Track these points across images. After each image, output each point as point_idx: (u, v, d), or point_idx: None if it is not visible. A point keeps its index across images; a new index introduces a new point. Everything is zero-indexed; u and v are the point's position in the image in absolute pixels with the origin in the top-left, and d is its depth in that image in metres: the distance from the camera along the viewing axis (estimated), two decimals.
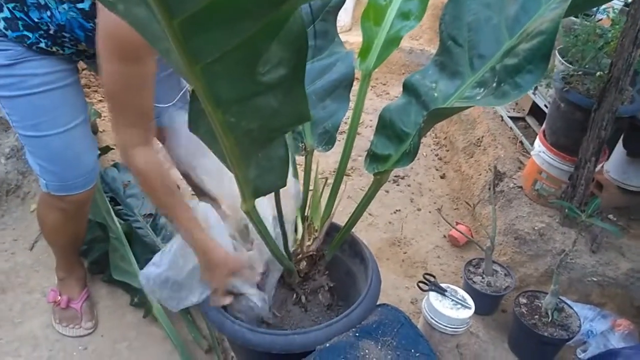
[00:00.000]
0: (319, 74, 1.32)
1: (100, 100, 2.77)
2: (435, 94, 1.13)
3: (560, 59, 1.86)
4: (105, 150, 2.23)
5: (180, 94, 1.54)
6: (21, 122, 1.23)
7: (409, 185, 2.43)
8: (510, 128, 2.38)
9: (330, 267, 1.35)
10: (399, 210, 2.27)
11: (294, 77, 0.65)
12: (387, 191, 2.37)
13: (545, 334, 1.50)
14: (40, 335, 1.59)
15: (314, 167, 1.33)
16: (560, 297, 1.58)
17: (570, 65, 1.79)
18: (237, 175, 0.90)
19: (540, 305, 1.58)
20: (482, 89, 1.05)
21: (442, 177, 2.51)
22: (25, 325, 1.61)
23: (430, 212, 2.27)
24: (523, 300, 1.61)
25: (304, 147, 1.31)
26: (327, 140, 1.32)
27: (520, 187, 1.98)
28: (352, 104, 1.26)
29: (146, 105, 1.06)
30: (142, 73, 1.02)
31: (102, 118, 2.55)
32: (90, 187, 1.38)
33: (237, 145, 0.78)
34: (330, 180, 1.31)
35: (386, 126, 1.18)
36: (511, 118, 2.41)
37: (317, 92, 1.31)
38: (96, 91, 2.83)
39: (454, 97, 1.09)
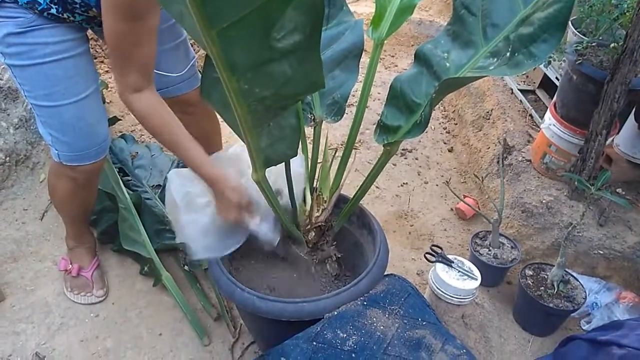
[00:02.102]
0: (327, 43, 1.30)
1: (107, 71, 2.75)
2: (447, 64, 1.12)
3: (574, 30, 1.82)
4: (113, 121, 2.23)
5: (190, 64, 1.53)
6: (33, 92, 1.23)
7: (416, 159, 2.42)
8: (520, 101, 2.35)
9: (338, 238, 1.36)
10: (406, 183, 2.27)
11: (309, 44, 0.64)
12: (394, 164, 2.36)
13: (551, 305, 1.51)
14: (52, 303, 1.62)
15: (322, 138, 1.33)
16: (567, 269, 1.59)
17: (584, 37, 1.75)
18: (249, 144, 0.90)
19: (546, 277, 1.59)
20: (496, 59, 1.04)
21: (450, 150, 2.50)
22: (37, 293, 1.64)
23: (437, 185, 2.27)
24: (529, 272, 1.62)
25: (312, 118, 1.31)
26: (336, 111, 1.31)
27: (529, 160, 1.97)
28: (360, 77, 1.25)
29: (149, 56, 1.08)
30: (146, 28, 1.03)
31: (109, 89, 2.54)
32: (102, 157, 1.39)
33: (249, 113, 0.77)
34: (339, 153, 1.31)
35: (397, 97, 1.17)
36: (521, 91, 2.38)
37: (326, 63, 1.29)
38: (102, 62, 2.81)
39: (467, 67, 1.08)
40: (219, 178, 1.14)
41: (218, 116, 1.67)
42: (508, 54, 1.01)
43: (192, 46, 1.59)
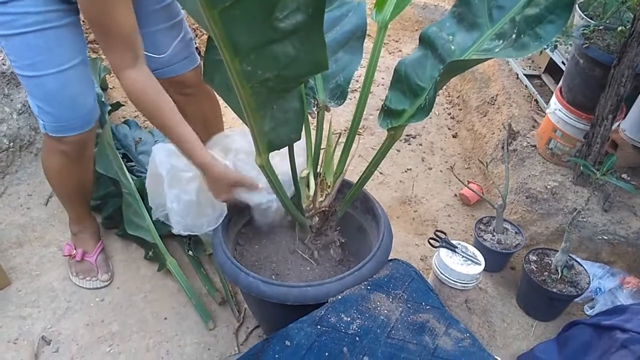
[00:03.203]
0: (331, 25, 1.29)
1: None
2: (453, 47, 1.10)
3: (581, 13, 1.80)
4: (115, 106, 2.23)
5: (177, 39, 1.50)
6: (18, 62, 1.24)
7: (420, 145, 2.41)
8: (526, 86, 2.33)
9: (342, 223, 1.36)
10: (410, 169, 2.26)
11: (312, 24, 0.63)
12: (398, 150, 2.36)
13: (554, 290, 1.51)
14: (57, 287, 1.63)
15: (326, 124, 1.32)
16: (570, 254, 1.58)
17: (591, 20, 1.73)
18: (252, 128, 0.89)
19: (549, 262, 1.59)
20: (501, 41, 1.03)
21: (455, 136, 2.49)
22: (42, 278, 1.65)
23: (441, 171, 2.26)
24: (533, 258, 1.62)
25: (316, 102, 1.30)
26: (339, 95, 1.30)
27: (534, 146, 1.96)
28: (364, 61, 1.24)
29: (127, 26, 1.09)
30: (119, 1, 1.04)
31: (112, 75, 2.53)
32: (88, 128, 1.39)
33: (252, 95, 0.77)
34: (342, 139, 1.30)
35: (401, 80, 1.16)
36: (527, 76, 2.36)
37: (330, 45, 1.28)
38: None
39: (472, 49, 1.06)
40: (208, 165, 1.17)
41: (220, 101, 1.66)
42: (514, 35, 1.00)
43: (194, 31, 1.58)
